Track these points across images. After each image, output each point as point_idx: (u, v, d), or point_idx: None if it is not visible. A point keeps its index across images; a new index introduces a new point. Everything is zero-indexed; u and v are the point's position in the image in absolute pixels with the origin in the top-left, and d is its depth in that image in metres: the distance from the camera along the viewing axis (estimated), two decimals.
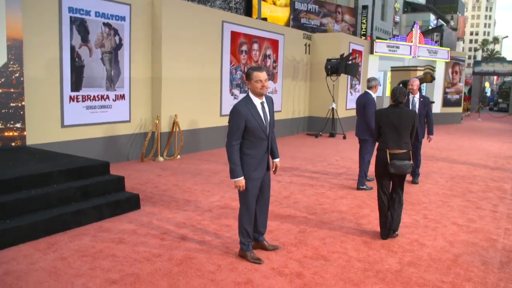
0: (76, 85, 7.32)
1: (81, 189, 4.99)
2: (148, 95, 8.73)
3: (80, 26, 7.27)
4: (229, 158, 3.76)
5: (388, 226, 4.67)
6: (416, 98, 7.33)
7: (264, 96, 3.88)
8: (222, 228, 4.79)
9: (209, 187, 6.59)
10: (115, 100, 8.04)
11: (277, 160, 4.14)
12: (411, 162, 4.60)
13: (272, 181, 7.09)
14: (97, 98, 7.70)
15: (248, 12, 17.48)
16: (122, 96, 8.16)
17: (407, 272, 3.87)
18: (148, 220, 4.97)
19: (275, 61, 12.36)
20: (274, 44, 12.23)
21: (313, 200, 6.09)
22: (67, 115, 7.23)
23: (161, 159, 8.50)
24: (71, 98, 7.27)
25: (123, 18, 8.00)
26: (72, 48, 7.19)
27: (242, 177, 3.77)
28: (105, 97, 7.84)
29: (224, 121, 10.45)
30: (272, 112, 3.95)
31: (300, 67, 13.82)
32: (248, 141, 3.77)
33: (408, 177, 7.48)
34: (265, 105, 3.86)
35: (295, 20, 20.40)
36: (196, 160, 8.76)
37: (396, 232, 4.74)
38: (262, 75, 3.74)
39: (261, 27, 11.71)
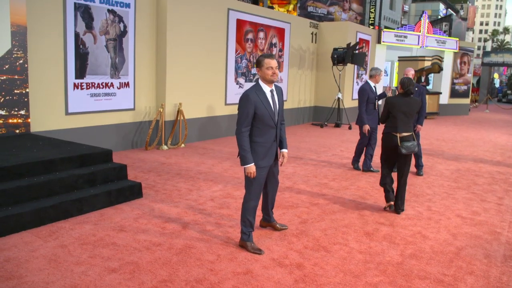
0: (81, 72, 7.30)
1: (84, 177, 4.99)
2: (152, 83, 8.70)
3: (84, 12, 7.22)
4: (239, 144, 3.77)
5: (394, 204, 5.29)
6: None
7: (273, 85, 3.91)
8: (223, 218, 4.77)
9: (212, 177, 6.57)
10: (120, 88, 8.01)
11: (285, 150, 4.15)
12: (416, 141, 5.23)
13: None
14: (101, 86, 7.67)
15: (254, 0, 17.33)
16: (127, 84, 8.13)
17: (408, 264, 3.84)
18: (150, 208, 4.97)
19: (281, 50, 12.25)
20: (281, 32, 12.12)
21: (316, 191, 6.05)
22: (71, 103, 7.22)
23: (165, 147, 8.50)
24: (75, 86, 7.25)
25: (127, 5, 7.94)
26: (77, 35, 7.15)
27: (253, 164, 3.80)
28: (109, 84, 7.81)
29: (229, 110, 10.42)
30: (281, 101, 3.97)
31: (307, 56, 13.70)
32: (257, 128, 3.80)
33: (413, 168, 7.44)
34: (274, 93, 3.89)
35: (302, 9, 20.19)
36: (200, 149, 8.74)
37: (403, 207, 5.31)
38: (273, 62, 3.76)
39: (268, 15, 11.59)
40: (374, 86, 7.30)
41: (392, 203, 5.31)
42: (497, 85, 44.59)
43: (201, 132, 9.69)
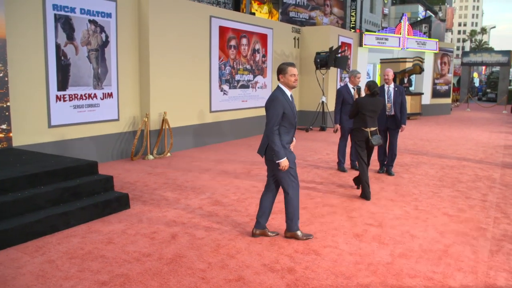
0: (63, 84, 7.22)
1: (69, 190, 4.93)
2: (136, 93, 8.65)
3: (65, 23, 7.16)
4: (272, 141, 4.09)
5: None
6: (391, 88, 7.49)
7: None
8: (212, 226, 4.76)
9: (199, 185, 6.55)
10: (103, 99, 7.95)
11: (293, 140, 4.49)
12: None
13: (263, 176, 7.09)
14: (84, 97, 7.61)
15: (236, 7, 17.39)
16: (110, 95, 8.08)
17: (398, 263, 3.87)
18: (138, 219, 4.93)
19: (264, 55, 12.31)
20: (263, 38, 12.18)
21: (304, 194, 6.07)
22: (54, 115, 7.13)
23: (151, 157, 8.45)
24: (58, 98, 7.17)
25: (109, 15, 7.90)
26: (58, 46, 7.08)
27: (286, 158, 4.11)
28: (92, 95, 7.75)
29: (214, 118, 10.41)
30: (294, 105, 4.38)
31: (290, 61, 13.76)
32: (283, 127, 4.17)
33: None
34: (292, 96, 4.32)
35: (284, 14, 20.33)
36: (186, 157, 8.71)
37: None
38: (295, 70, 4.20)
39: (250, 22, 11.65)
40: (353, 88, 7.46)
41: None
42: (477, 84, 45.40)
43: (187, 141, 9.66)
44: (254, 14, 16.92)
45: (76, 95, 7.46)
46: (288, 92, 4.22)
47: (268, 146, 4.16)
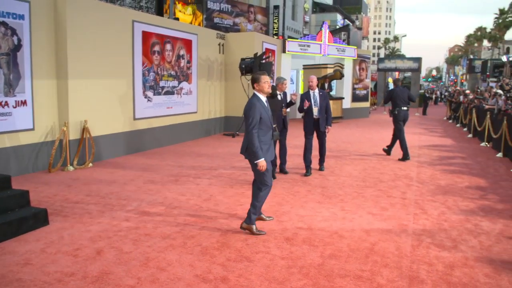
0: None
1: None
2: (53, 100, 8.11)
3: None
4: (252, 143, 4.55)
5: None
6: (316, 93, 7.87)
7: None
8: (140, 238, 4.56)
9: (124, 196, 6.27)
10: (16, 107, 7.36)
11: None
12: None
13: (191, 184, 6.98)
14: None
15: (159, 11, 17.03)
16: (24, 102, 7.50)
17: (329, 264, 3.96)
18: (59, 236, 4.60)
19: (189, 61, 12.16)
20: (188, 44, 12.03)
21: (233, 201, 6.04)
22: None
23: (71, 168, 7.96)
24: None
25: (21, 17, 7.34)
26: None
27: (263, 159, 4.56)
28: (3, 103, 7.15)
29: (139, 125, 10.08)
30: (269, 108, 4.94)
31: (215, 67, 13.75)
32: (261, 130, 4.65)
33: (316, 165, 8.30)
34: (267, 101, 4.83)
35: (208, 20, 20.28)
36: (109, 167, 8.32)
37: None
38: (267, 77, 4.76)
39: (174, 27, 11.45)
40: (280, 94, 7.59)
41: None
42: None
43: (110, 150, 9.24)
44: (178, 19, 16.68)
45: None
46: (263, 98, 4.73)
47: (247, 148, 4.63)
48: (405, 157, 9.54)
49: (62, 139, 7.93)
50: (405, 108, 9.68)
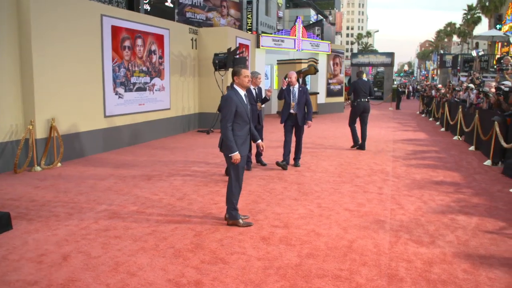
0: None
1: None
2: (18, 98, 7.74)
3: None
4: (226, 137, 4.59)
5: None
6: (295, 88, 7.95)
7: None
8: (110, 241, 4.35)
9: (94, 196, 6.02)
10: None
11: (260, 141, 5.13)
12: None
13: (164, 182, 6.78)
14: None
15: (130, 5, 16.59)
16: None
17: (306, 264, 3.84)
18: (22, 241, 4.34)
19: (161, 57, 11.87)
20: (159, 39, 11.73)
21: (207, 200, 5.88)
22: None
23: (38, 168, 7.63)
24: None
25: None
26: None
27: (238, 152, 4.60)
28: None
29: (109, 123, 9.77)
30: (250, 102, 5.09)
31: (188, 63, 13.49)
32: (237, 124, 4.65)
33: (291, 161, 8.27)
34: (245, 95, 4.80)
35: (181, 15, 19.92)
36: (79, 167, 8.02)
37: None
38: (248, 71, 4.77)
39: (145, 22, 11.14)
40: (254, 89, 7.55)
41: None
42: None
43: (79, 149, 8.92)
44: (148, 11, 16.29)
45: None
46: (242, 92, 4.74)
47: (223, 141, 4.67)
48: (355, 144, 10.25)
49: (28, 139, 7.58)
50: (365, 99, 10.00)
